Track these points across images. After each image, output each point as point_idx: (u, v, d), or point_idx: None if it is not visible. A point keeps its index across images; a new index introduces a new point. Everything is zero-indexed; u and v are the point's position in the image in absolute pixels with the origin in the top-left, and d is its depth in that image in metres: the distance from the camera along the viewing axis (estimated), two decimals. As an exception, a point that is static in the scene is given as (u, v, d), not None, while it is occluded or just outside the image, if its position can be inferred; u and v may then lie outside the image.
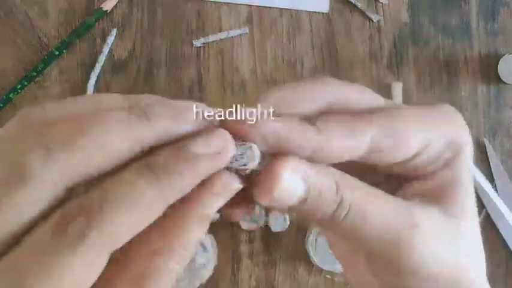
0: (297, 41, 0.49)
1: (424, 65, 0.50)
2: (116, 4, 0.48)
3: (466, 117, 0.50)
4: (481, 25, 0.50)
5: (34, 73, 0.47)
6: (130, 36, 0.48)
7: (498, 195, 0.48)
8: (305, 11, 0.49)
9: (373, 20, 0.49)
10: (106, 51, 0.48)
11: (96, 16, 0.48)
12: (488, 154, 0.49)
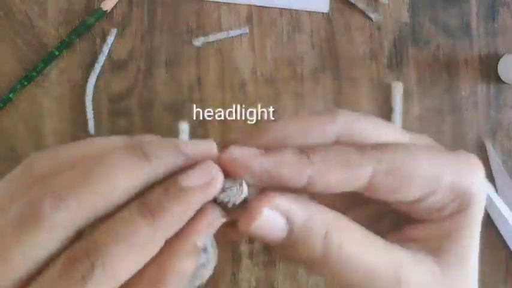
0: (297, 41, 0.49)
1: (424, 65, 0.50)
2: (116, 4, 0.48)
3: (466, 117, 0.50)
4: (481, 25, 0.50)
5: (34, 73, 0.47)
6: (130, 36, 0.48)
7: (498, 195, 0.48)
8: (305, 11, 0.49)
9: (373, 19, 0.49)
10: (106, 51, 0.48)
11: (96, 16, 0.48)
12: (488, 154, 0.49)
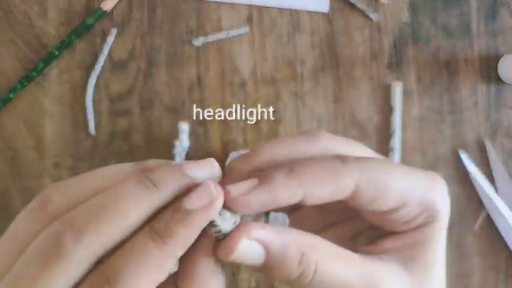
0: (297, 41, 0.49)
1: (424, 64, 0.50)
2: (116, 4, 0.48)
3: (466, 117, 0.50)
4: (481, 25, 0.50)
5: (34, 73, 0.47)
6: (130, 36, 0.48)
7: (498, 195, 0.48)
8: (305, 11, 0.49)
9: (373, 20, 0.49)
10: (106, 51, 0.48)
11: (96, 16, 0.48)
12: (488, 154, 0.49)
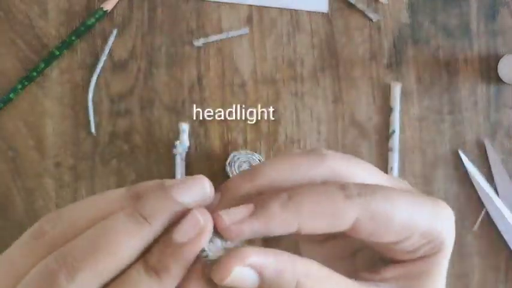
0: (297, 41, 0.49)
1: (424, 65, 0.50)
2: (116, 4, 0.48)
3: (466, 117, 0.50)
4: (481, 25, 0.50)
5: (34, 73, 0.47)
6: (130, 36, 0.48)
7: (498, 195, 0.48)
8: (305, 11, 0.49)
9: (372, 20, 0.49)
10: (106, 51, 0.48)
11: (97, 16, 0.48)
12: (488, 154, 0.49)
